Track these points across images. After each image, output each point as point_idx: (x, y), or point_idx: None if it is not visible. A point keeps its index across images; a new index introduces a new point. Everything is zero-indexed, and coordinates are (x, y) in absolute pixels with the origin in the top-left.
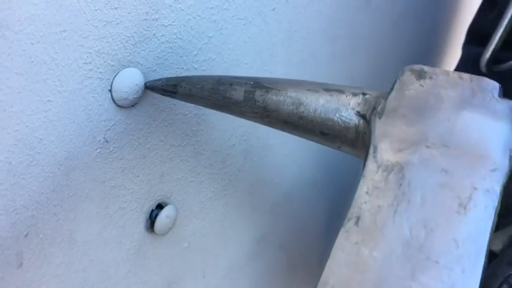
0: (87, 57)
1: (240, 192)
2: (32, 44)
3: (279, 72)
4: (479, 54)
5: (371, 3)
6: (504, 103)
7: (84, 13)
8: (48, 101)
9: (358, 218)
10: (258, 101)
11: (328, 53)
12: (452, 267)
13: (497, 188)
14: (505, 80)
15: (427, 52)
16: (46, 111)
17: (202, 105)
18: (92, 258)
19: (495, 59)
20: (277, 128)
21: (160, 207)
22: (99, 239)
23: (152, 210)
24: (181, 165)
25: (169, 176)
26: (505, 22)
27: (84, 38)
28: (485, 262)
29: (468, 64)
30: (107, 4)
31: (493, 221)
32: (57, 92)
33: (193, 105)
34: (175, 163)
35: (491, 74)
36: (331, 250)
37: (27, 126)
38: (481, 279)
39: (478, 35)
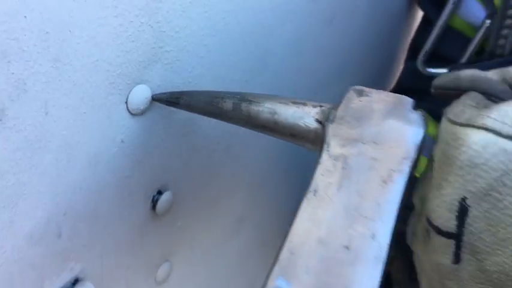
0: (111, 78)
1: (224, 181)
2: (75, 71)
3: (256, 82)
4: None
5: (334, 20)
6: (415, 113)
7: (111, 46)
8: (84, 113)
9: (315, 191)
10: (243, 111)
11: (296, 67)
12: (375, 219)
13: (406, 169)
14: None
15: (381, 65)
16: (83, 121)
17: (199, 113)
18: (110, 232)
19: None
20: (257, 131)
21: (160, 193)
22: (115, 218)
23: (154, 195)
24: (177, 159)
25: (168, 168)
26: (435, 32)
27: (110, 64)
28: (397, 215)
29: (409, 76)
30: (127, 38)
31: (403, 191)
32: (90, 106)
33: (190, 112)
34: (173, 158)
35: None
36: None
37: (71, 131)
38: (394, 227)
39: (417, 51)
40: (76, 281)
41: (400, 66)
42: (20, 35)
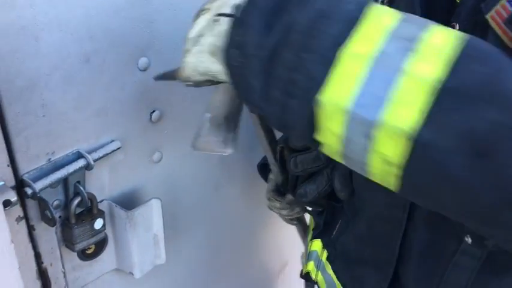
0: (130, 54)
1: (197, 112)
2: (118, 52)
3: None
4: None
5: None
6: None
7: (131, 42)
8: (122, 65)
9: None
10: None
11: None
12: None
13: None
14: None
15: None
16: (120, 70)
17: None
18: (130, 127)
19: None
20: None
21: (154, 111)
22: (133, 121)
23: (151, 112)
24: (165, 94)
25: (160, 98)
26: None
27: (130, 49)
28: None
29: None
30: (136, 38)
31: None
32: (123, 64)
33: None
34: (162, 93)
35: None
36: None
37: (115, 73)
38: None
39: None
40: (112, 140)
41: None
42: (91, 42)
